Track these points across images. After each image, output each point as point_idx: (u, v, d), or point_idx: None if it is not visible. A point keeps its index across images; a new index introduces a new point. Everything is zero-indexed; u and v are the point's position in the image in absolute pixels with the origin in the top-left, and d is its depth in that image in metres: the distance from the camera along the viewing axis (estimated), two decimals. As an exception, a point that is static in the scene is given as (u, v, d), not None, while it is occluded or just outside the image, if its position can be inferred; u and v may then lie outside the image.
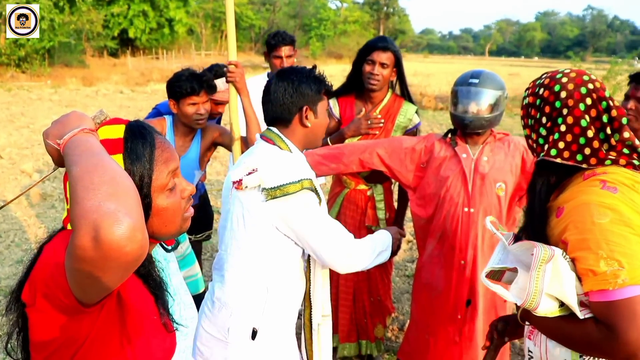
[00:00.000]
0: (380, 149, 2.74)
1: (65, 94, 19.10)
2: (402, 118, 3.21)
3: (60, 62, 26.98)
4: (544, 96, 1.56)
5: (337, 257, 1.94)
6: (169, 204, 1.19)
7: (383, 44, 3.11)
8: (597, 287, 1.32)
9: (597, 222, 1.34)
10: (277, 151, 1.98)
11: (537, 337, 1.55)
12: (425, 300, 2.80)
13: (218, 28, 50.75)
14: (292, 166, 1.92)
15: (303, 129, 2.04)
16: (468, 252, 2.61)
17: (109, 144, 1.12)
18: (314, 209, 1.92)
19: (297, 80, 2.01)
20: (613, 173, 1.44)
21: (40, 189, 7.30)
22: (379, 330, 3.44)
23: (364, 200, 3.29)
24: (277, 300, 1.98)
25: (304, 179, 1.89)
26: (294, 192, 1.86)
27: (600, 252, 1.32)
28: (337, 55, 50.30)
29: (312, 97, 2.02)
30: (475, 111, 2.56)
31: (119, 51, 37.47)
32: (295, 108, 2.01)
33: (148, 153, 1.15)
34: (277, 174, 1.87)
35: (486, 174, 2.59)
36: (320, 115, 2.06)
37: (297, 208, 1.88)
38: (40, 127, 11.81)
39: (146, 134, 1.17)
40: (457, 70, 28.24)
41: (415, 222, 2.85)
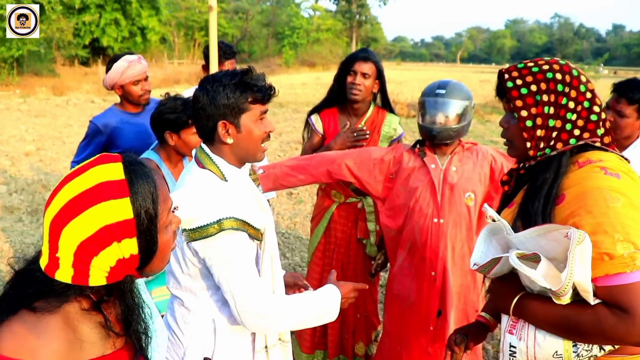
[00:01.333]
0: (348, 160, 2.73)
1: (35, 103, 18.76)
2: (387, 128, 3.24)
3: (29, 71, 26.52)
4: (567, 80, 1.53)
5: (248, 315, 1.73)
6: (167, 240, 1.19)
7: (364, 55, 3.14)
8: (614, 271, 1.33)
9: (612, 205, 1.35)
10: (205, 181, 1.78)
11: (522, 330, 1.51)
12: (397, 311, 2.79)
13: (191, 37, 50.46)
14: (212, 203, 1.73)
15: (226, 146, 1.81)
16: (438, 263, 2.61)
17: (112, 187, 1.07)
18: (231, 253, 1.73)
19: (213, 91, 1.75)
20: (608, 160, 1.46)
21: (6, 201, 7.15)
22: (360, 348, 3.42)
23: (354, 213, 3.28)
24: (227, 328, 1.87)
25: (224, 218, 1.71)
26: (212, 234, 1.70)
27: (617, 236, 1.32)
28: (310, 64, 50.36)
29: (232, 108, 1.75)
30: (443, 121, 2.57)
31: (90, 60, 37.00)
32: (212, 123, 1.78)
33: (153, 193, 1.12)
34: (195, 215, 1.71)
35: (455, 184, 2.60)
36: (245, 129, 1.79)
37: (215, 252, 1.72)
38: (8, 138, 11.58)
39: (148, 173, 1.14)
40: (429, 78, 28.50)
41: (385, 234, 2.84)
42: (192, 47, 49.53)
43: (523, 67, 1.58)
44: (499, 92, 1.66)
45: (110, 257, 1.07)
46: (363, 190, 2.86)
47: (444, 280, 2.62)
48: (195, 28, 50.08)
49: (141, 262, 1.13)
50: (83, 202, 1.05)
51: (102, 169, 1.09)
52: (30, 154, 10.12)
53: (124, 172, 1.10)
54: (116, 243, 1.07)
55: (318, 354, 3.48)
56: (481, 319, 1.91)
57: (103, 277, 1.09)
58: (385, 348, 2.91)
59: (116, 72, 3.22)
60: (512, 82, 1.58)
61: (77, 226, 1.04)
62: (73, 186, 1.07)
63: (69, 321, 1.09)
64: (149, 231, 1.11)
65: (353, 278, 3.29)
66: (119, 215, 1.06)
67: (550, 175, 1.51)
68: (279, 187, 2.79)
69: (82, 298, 1.11)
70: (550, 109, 1.53)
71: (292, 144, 11.25)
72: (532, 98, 1.54)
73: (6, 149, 10.47)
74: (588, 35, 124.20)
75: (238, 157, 1.85)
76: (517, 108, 1.56)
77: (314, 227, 3.43)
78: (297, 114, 16.59)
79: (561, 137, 1.54)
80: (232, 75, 1.77)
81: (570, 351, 1.43)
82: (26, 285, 1.10)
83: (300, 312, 1.80)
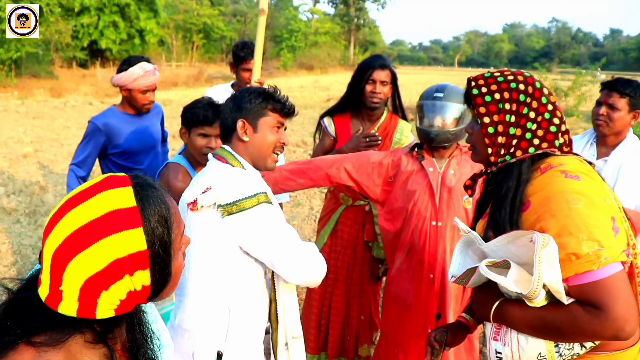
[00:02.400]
0: (347, 163, 2.75)
1: (33, 105, 18.74)
2: (399, 135, 3.28)
3: (27, 72, 26.47)
4: (529, 91, 1.59)
5: (294, 268, 1.91)
6: (179, 265, 1.13)
7: (381, 63, 3.16)
8: (582, 270, 1.38)
9: (574, 207, 1.40)
10: (230, 168, 1.95)
11: (506, 336, 1.55)
12: (395, 314, 2.80)
13: (189, 39, 50.46)
14: (246, 181, 1.90)
15: (242, 144, 2.02)
16: (437, 265, 2.62)
17: (123, 216, 0.98)
18: (272, 221, 1.90)
19: (240, 96, 2.03)
20: (568, 164, 1.51)
21: (4, 202, 7.14)
22: (364, 350, 3.43)
23: (361, 215, 3.30)
24: (241, 321, 1.95)
25: (259, 192, 1.88)
26: (250, 207, 1.84)
27: (581, 235, 1.37)
28: (308, 67, 50.39)
29: (252, 111, 2.00)
30: (441, 125, 2.59)
31: (88, 62, 36.99)
32: (232, 121, 2.01)
33: (167, 219, 1.05)
34: (231, 190, 1.85)
35: (453, 187, 2.62)
36: (261, 131, 2.02)
37: (255, 222, 1.86)
38: (6, 140, 11.57)
39: (160, 196, 1.06)
40: (427, 81, 28.53)
41: (384, 237, 2.85)
42: (190, 49, 49.55)
43: (489, 76, 1.65)
44: (467, 99, 1.73)
45: (121, 291, 1.00)
46: (362, 193, 2.87)
47: (442, 283, 2.63)
48: (194, 31, 50.10)
49: (153, 292, 1.06)
50: (91, 233, 0.96)
51: (110, 194, 1.00)
52: (28, 155, 10.11)
53: (135, 198, 1.01)
54: (128, 276, 0.99)
55: (322, 356, 3.49)
56: (462, 319, 1.95)
57: (112, 310, 1.01)
58: (382, 351, 2.92)
59: (129, 77, 3.21)
60: (478, 90, 1.65)
61: (85, 260, 0.95)
62: (78, 214, 0.97)
63: (72, 355, 1.00)
64: (163, 261, 1.04)
65: (358, 280, 3.32)
66: (131, 247, 0.98)
67: (512, 183, 1.56)
68: (279, 191, 2.80)
69: (86, 330, 1.03)
70: (512, 117, 1.59)
71: (291, 147, 11.26)
72: (495, 106, 1.61)
73: (4, 151, 10.46)
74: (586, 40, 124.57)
75: (251, 157, 2.03)
76: (481, 114, 1.63)
77: (320, 229, 3.45)
78: (295, 117, 16.52)
79: (521, 145, 1.59)
80: (261, 88, 2.06)
81: (553, 352, 1.48)
82: (25, 316, 1.00)
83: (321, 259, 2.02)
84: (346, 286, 3.34)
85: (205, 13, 49.92)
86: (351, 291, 3.34)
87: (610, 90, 2.99)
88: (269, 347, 2.16)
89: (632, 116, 2.97)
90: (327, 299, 3.37)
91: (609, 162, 2.97)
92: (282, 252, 1.88)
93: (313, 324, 3.42)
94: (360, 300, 3.36)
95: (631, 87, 2.94)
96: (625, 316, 1.35)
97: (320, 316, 3.41)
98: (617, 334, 1.37)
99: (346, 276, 3.32)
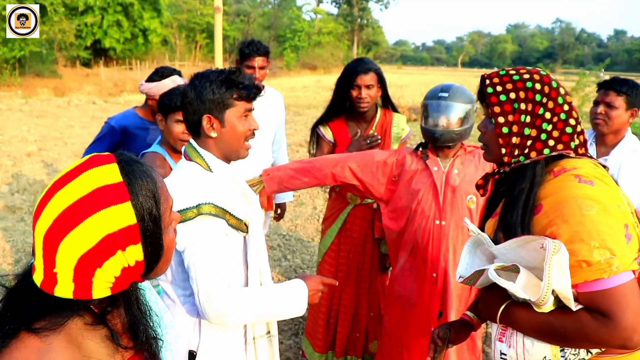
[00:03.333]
0: (352, 162, 2.75)
1: (37, 104, 18.80)
2: (396, 129, 3.30)
3: (31, 71, 26.57)
4: (546, 91, 1.56)
5: (207, 303, 1.73)
6: (171, 240, 1.13)
7: (363, 67, 3.16)
8: (593, 277, 1.36)
9: (586, 214, 1.38)
10: (190, 171, 1.86)
11: (511, 338, 1.54)
12: (398, 313, 2.81)
13: (192, 39, 50.52)
14: (194, 189, 1.79)
15: (211, 139, 1.89)
16: (439, 265, 2.62)
17: (110, 191, 0.98)
18: (205, 239, 1.77)
19: (200, 86, 1.84)
20: (582, 168, 1.48)
21: (8, 201, 7.16)
22: (374, 346, 3.44)
23: (370, 213, 3.30)
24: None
25: (203, 203, 1.77)
26: (190, 218, 1.75)
27: (593, 243, 1.35)
28: (311, 67, 50.41)
29: (216, 103, 1.83)
30: (445, 124, 2.59)
31: (91, 61, 37.07)
32: (197, 117, 1.86)
33: (155, 193, 1.04)
34: (176, 199, 1.71)
35: (457, 187, 2.62)
36: (229, 124, 1.87)
37: (189, 235, 1.76)
38: (10, 138, 11.61)
39: (146, 171, 1.06)
40: (430, 81, 28.52)
41: (387, 235, 2.86)
42: (193, 49, 49.61)
43: (505, 74, 1.60)
44: (480, 97, 1.69)
45: (115, 267, 1.00)
46: (366, 193, 2.87)
47: (445, 282, 2.63)
48: (197, 30, 50.14)
49: (147, 267, 1.06)
50: (80, 211, 0.95)
51: (96, 172, 0.99)
52: (32, 154, 10.15)
53: (120, 174, 1.01)
54: (120, 251, 0.99)
55: (330, 354, 3.50)
56: (466, 317, 1.94)
57: (107, 288, 1.01)
58: (385, 349, 2.93)
59: (159, 88, 3.09)
60: (492, 88, 1.60)
61: (76, 239, 0.95)
62: (65, 194, 0.97)
63: (73, 339, 1.00)
64: (154, 235, 1.04)
65: (368, 277, 3.34)
66: (121, 221, 0.98)
67: (526, 185, 1.53)
68: (283, 190, 2.80)
69: (85, 312, 1.04)
70: (527, 117, 1.56)
71: (294, 147, 11.27)
72: (510, 105, 1.57)
73: (8, 149, 10.50)
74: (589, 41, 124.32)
75: (222, 152, 1.91)
76: (495, 114, 1.59)
77: (326, 228, 3.45)
78: (298, 117, 16.61)
79: (535, 147, 1.56)
80: (220, 73, 1.86)
81: (559, 356, 1.47)
82: (23, 305, 1.00)
83: (263, 306, 1.82)
84: (356, 284, 3.35)
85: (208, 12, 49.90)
86: (360, 288, 3.35)
87: (607, 89, 3.02)
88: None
89: (629, 114, 3.00)
90: (337, 297, 3.37)
91: (608, 162, 2.98)
92: (197, 274, 1.75)
93: (322, 322, 3.42)
94: (369, 297, 3.36)
95: (627, 85, 2.98)
96: (634, 326, 1.33)
97: (329, 315, 3.41)
98: (625, 344, 1.36)
99: (356, 274, 3.33)
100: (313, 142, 3.46)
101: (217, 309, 1.73)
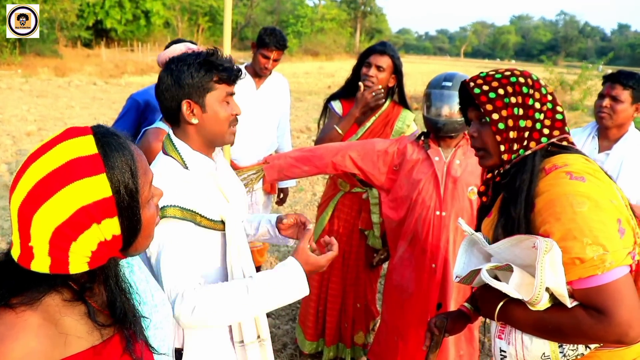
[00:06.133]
0: (352, 151, 2.73)
1: (37, 84, 18.72)
2: (400, 124, 3.22)
3: (31, 51, 26.43)
4: (530, 83, 1.59)
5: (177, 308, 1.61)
6: (151, 215, 1.11)
7: (381, 48, 3.12)
8: (587, 274, 1.37)
9: (578, 210, 1.38)
10: (162, 167, 1.75)
11: (510, 335, 1.56)
12: (396, 302, 2.81)
13: (194, 22, 50.27)
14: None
15: (192, 127, 1.76)
16: (439, 255, 2.62)
17: (84, 163, 0.96)
18: (169, 242, 1.67)
19: (177, 70, 1.72)
20: (573, 164, 1.49)
21: (7, 180, 7.15)
22: (359, 337, 3.45)
23: (358, 203, 3.29)
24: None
25: (168, 206, 1.66)
26: None
27: (585, 240, 1.36)
28: (314, 53, 50.23)
29: (196, 87, 1.71)
30: (448, 114, 2.57)
31: (93, 42, 36.90)
32: (176, 103, 1.73)
33: (131, 166, 1.02)
34: None
35: (458, 178, 2.61)
36: (210, 109, 1.74)
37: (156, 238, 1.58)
38: (9, 117, 11.57)
39: (123, 144, 1.03)
40: (432, 71, 28.43)
41: (387, 225, 2.85)
42: (195, 32, 49.35)
43: (486, 75, 1.63)
44: (463, 104, 1.70)
45: (91, 241, 0.98)
46: (367, 181, 2.86)
47: (444, 273, 2.63)
48: (200, 13, 49.87)
49: (125, 242, 1.05)
50: (53, 183, 0.94)
51: (70, 144, 0.98)
52: (31, 134, 10.12)
53: (96, 146, 0.99)
54: (96, 225, 0.97)
55: (321, 342, 3.51)
56: (463, 309, 1.95)
57: (84, 262, 1.00)
58: (382, 338, 2.93)
59: (172, 53, 3.13)
60: (479, 89, 1.60)
61: (49, 211, 0.94)
62: (39, 166, 0.96)
63: (50, 315, 0.99)
64: (130, 208, 1.02)
65: (354, 268, 3.32)
66: (96, 194, 0.96)
67: (527, 177, 1.52)
68: (284, 178, 2.79)
69: (63, 288, 1.02)
70: (519, 110, 1.57)
71: (294, 133, 11.24)
72: (501, 101, 1.57)
73: (8, 128, 10.46)
74: (593, 34, 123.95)
75: (205, 139, 1.80)
76: (488, 112, 1.58)
77: (319, 215, 3.44)
78: (299, 103, 16.55)
79: (533, 137, 1.58)
80: (197, 55, 1.74)
81: (557, 352, 1.48)
82: (1, 281, 0.99)
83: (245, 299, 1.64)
84: (342, 274, 3.33)
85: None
86: (347, 279, 3.34)
87: (613, 83, 2.99)
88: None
89: (634, 108, 2.97)
90: (325, 285, 3.37)
91: (611, 156, 2.96)
92: (163, 277, 1.65)
93: (312, 310, 3.43)
94: (356, 288, 3.36)
95: (634, 79, 2.95)
96: (629, 321, 1.34)
97: (318, 303, 3.42)
98: (621, 339, 1.36)
99: (342, 263, 3.32)
100: (323, 118, 3.41)
101: (186, 311, 1.61)
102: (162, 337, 1.27)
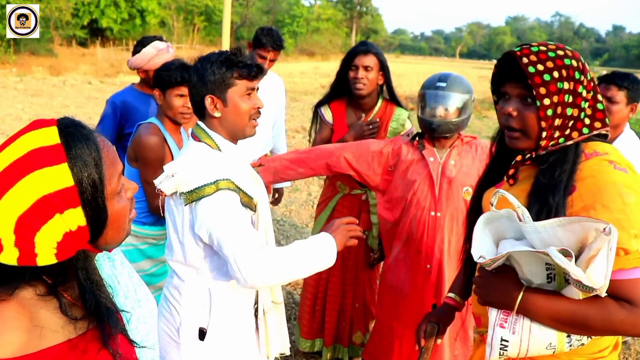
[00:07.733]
0: (347, 152, 2.73)
1: (31, 82, 18.65)
2: (394, 124, 3.22)
3: (26, 50, 26.33)
4: (581, 67, 1.48)
5: (247, 267, 1.73)
6: (120, 208, 1.10)
7: (364, 48, 3.13)
8: (629, 265, 1.36)
9: (627, 201, 1.36)
10: (201, 150, 1.90)
11: (516, 324, 1.47)
12: (390, 302, 2.81)
13: (190, 21, 50.16)
14: (209, 167, 1.83)
15: (216, 119, 1.92)
16: (434, 256, 2.62)
17: (46, 153, 0.97)
18: (229, 210, 1.81)
19: (201, 68, 1.89)
20: (613, 154, 1.46)
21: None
22: (358, 337, 3.45)
23: (358, 204, 3.29)
24: (223, 300, 1.93)
25: (220, 179, 1.81)
26: (209, 194, 1.78)
27: (632, 231, 1.34)
28: (310, 53, 50.27)
29: (218, 83, 1.87)
30: (443, 115, 2.57)
31: (88, 41, 36.80)
32: (200, 98, 1.90)
33: (95, 157, 1.02)
34: (192, 177, 1.80)
35: (453, 178, 2.61)
36: (232, 103, 1.89)
37: (212, 210, 1.79)
38: (4, 116, 11.52)
39: (88, 135, 1.03)
40: (428, 71, 28.45)
41: (382, 225, 2.85)
42: (191, 31, 49.26)
43: (539, 51, 1.48)
44: (503, 76, 1.56)
45: (55, 231, 0.98)
46: (362, 182, 2.86)
47: (439, 274, 2.63)
48: (195, 12, 49.74)
49: (92, 234, 1.04)
50: (14, 173, 0.95)
51: (33, 135, 0.99)
52: (26, 133, 10.08)
53: (59, 136, 0.99)
54: (59, 215, 0.97)
55: (317, 342, 3.51)
56: (449, 301, 1.94)
57: (52, 254, 0.99)
58: (377, 338, 2.93)
59: (143, 58, 3.21)
60: (534, 67, 1.45)
61: (11, 200, 0.94)
62: (2, 158, 0.97)
63: (24, 309, 1.00)
64: (94, 199, 1.01)
65: (353, 268, 3.33)
66: (56, 183, 0.96)
67: (568, 167, 1.46)
68: (279, 180, 2.80)
69: (37, 282, 1.03)
70: (570, 97, 1.47)
71: (290, 132, 11.23)
72: (554, 85, 1.45)
73: (2, 127, 10.43)
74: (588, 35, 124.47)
75: (228, 131, 1.94)
76: (541, 95, 1.46)
77: (317, 214, 3.44)
78: (295, 103, 16.54)
79: (577, 127, 1.50)
80: (220, 54, 1.91)
81: (564, 342, 1.43)
82: None
83: (296, 259, 1.82)
84: (342, 273, 3.34)
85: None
86: (346, 279, 3.34)
87: (607, 84, 2.98)
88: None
89: (630, 109, 2.98)
90: (323, 285, 3.37)
91: None
92: (228, 242, 1.76)
93: (307, 308, 3.44)
94: (355, 288, 3.36)
95: (629, 80, 2.96)
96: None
97: (314, 302, 3.42)
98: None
99: (342, 264, 3.32)
100: (315, 125, 3.41)
101: (255, 270, 1.74)
102: (146, 332, 1.27)
